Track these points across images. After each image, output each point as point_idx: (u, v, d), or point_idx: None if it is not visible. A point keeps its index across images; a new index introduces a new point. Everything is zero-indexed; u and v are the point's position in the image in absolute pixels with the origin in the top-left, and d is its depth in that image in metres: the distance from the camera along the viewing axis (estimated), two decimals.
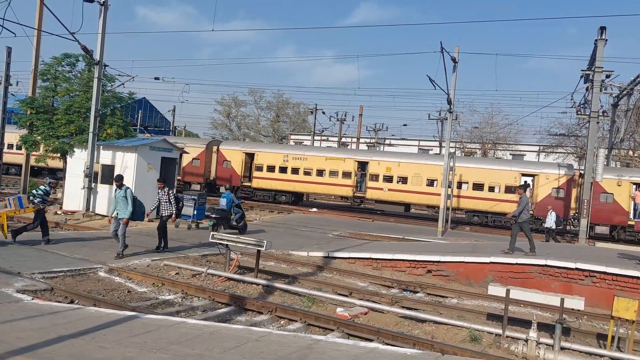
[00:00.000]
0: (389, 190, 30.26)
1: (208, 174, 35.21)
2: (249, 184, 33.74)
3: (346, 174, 31.43)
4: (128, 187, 12.21)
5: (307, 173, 32.25)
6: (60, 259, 11.37)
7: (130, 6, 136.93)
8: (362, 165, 31.61)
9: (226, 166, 34.21)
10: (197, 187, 34.58)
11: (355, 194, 31.51)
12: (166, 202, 13.46)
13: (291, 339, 6.06)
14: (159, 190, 13.53)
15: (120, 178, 12.47)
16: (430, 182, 29.58)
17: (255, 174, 33.50)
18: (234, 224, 17.19)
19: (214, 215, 16.79)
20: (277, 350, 5.59)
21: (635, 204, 13.53)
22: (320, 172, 32.06)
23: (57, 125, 21.07)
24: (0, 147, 28.17)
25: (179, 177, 34.43)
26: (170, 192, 13.55)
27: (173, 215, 13.62)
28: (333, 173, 31.64)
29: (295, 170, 32.46)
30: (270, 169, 33.08)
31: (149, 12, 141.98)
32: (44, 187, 13.09)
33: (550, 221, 21.71)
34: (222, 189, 18.73)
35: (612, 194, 25.10)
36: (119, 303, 8.57)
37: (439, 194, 26.26)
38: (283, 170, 32.77)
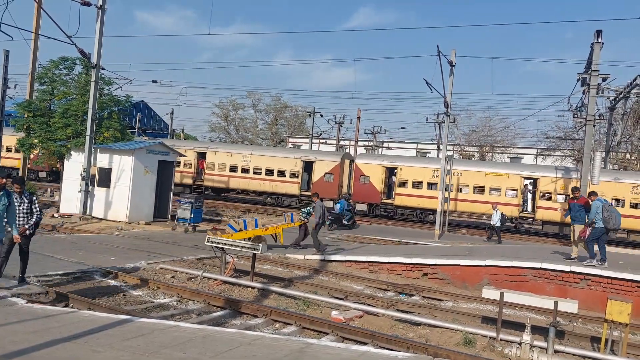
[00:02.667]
0: (565, 210, 25.99)
1: (341, 190, 32.35)
2: (390, 201, 30.28)
3: (511, 191, 27.99)
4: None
5: (462, 190, 28.98)
6: (56, 262, 11.38)
7: (130, 11, 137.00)
8: (531, 182, 28.42)
9: (364, 182, 30.72)
10: (330, 203, 31.48)
11: (521, 214, 28.13)
12: (26, 212, 8.94)
13: (283, 343, 6.08)
14: (16, 197, 8.89)
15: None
16: (618, 202, 25.59)
17: (398, 190, 29.87)
18: (345, 223, 22.63)
19: (330, 217, 21.18)
20: (269, 353, 5.61)
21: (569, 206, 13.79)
22: (478, 189, 28.60)
23: (54, 129, 21.08)
24: None
25: (309, 192, 31.40)
26: (33, 199, 9.18)
27: (25, 228, 8.89)
28: (494, 190, 28.07)
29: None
30: (417, 185, 29.51)
31: (148, 16, 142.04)
32: (308, 209, 16.89)
33: (495, 219, 21.75)
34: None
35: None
36: (113, 307, 8.58)
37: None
38: (432, 186, 28.95)
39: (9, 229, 8.55)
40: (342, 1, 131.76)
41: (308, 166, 32.72)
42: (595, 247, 12.71)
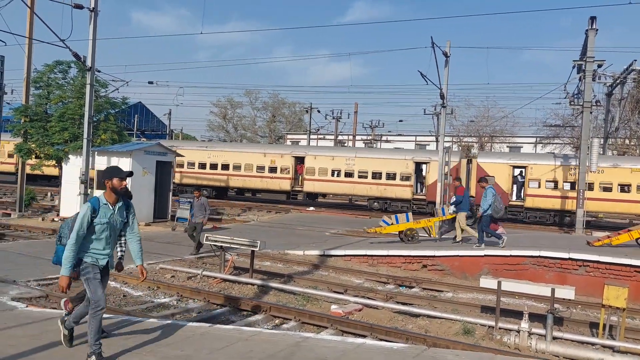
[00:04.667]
0: None
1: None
2: (519, 203, 28.02)
3: None
4: None
5: (606, 189, 26.33)
6: (56, 266, 11.40)
7: (125, 11, 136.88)
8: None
9: None
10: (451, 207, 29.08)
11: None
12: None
13: (280, 338, 6.12)
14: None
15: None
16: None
17: (529, 190, 27.46)
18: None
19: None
20: (265, 349, 5.65)
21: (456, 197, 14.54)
22: (623, 187, 26.03)
23: (51, 133, 21.12)
24: None
25: (423, 196, 29.96)
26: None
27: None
28: None
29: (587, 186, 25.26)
30: (553, 184, 26.92)
31: (143, 16, 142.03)
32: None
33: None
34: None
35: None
36: (113, 307, 8.63)
37: None
38: (570, 185, 26.47)
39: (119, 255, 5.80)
40: None
41: (420, 167, 30.44)
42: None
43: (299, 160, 32.65)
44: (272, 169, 32.61)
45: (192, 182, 33.12)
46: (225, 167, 33.44)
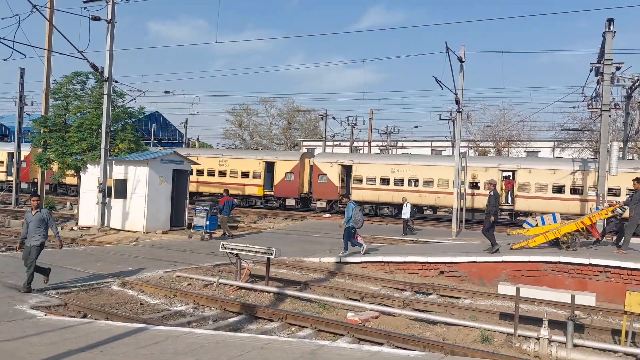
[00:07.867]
0: None
1: None
2: None
3: None
4: None
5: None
6: (75, 274, 11.55)
7: (142, 22, 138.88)
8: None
9: None
10: None
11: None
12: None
13: (296, 345, 6.10)
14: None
15: None
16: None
17: None
18: None
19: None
20: (281, 357, 5.63)
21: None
22: None
23: (70, 143, 21.44)
24: (17, 166, 28.77)
25: None
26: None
27: None
28: None
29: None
30: None
31: (161, 27, 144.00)
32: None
33: (407, 212, 22.50)
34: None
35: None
36: (130, 316, 8.68)
37: None
38: None
39: None
40: (353, 2, 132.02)
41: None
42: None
43: (507, 175, 29.49)
44: (473, 185, 28.87)
45: (372, 200, 31.06)
46: (412, 182, 30.45)
